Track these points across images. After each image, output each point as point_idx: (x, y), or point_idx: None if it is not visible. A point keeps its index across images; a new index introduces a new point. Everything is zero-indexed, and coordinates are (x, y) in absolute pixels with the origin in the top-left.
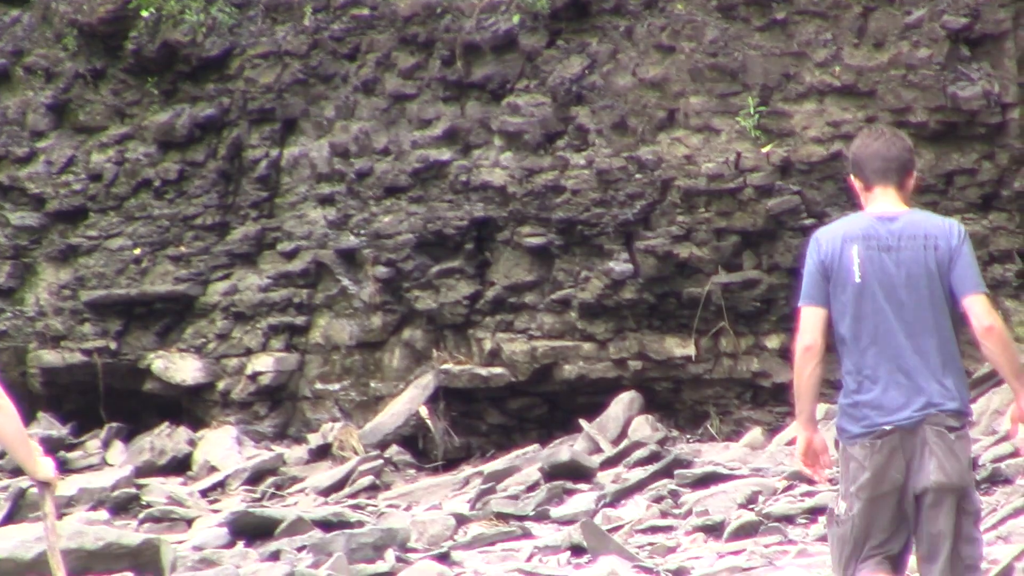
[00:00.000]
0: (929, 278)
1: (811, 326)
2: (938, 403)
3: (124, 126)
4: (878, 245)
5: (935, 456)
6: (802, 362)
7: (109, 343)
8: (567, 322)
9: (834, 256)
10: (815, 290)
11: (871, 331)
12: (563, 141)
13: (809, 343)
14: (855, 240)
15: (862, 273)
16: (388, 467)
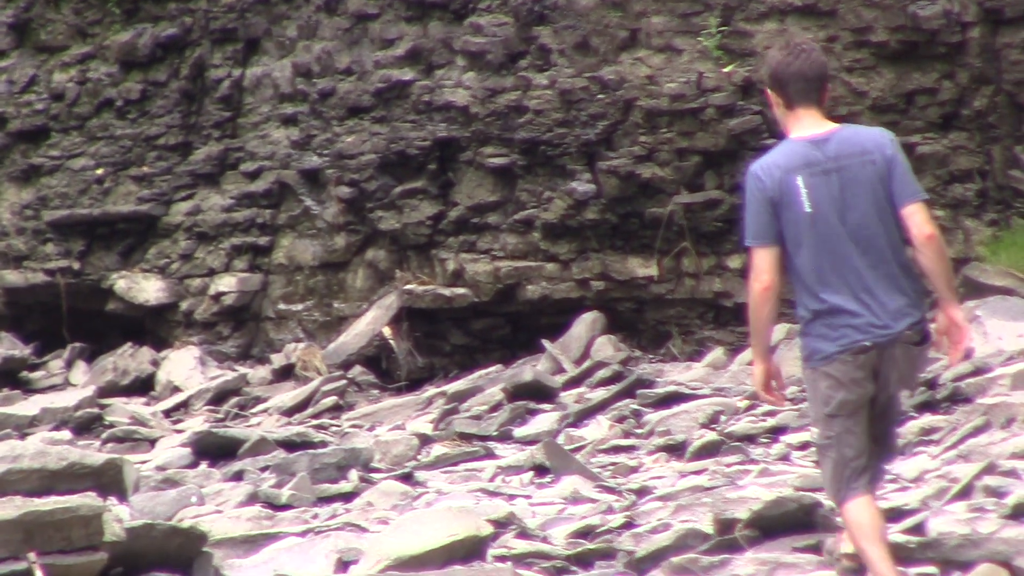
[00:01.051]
0: (874, 193)
1: (766, 266)
2: (908, 316)
3: (86, 45)
4: (821, 170)
5: (897, 368)
6: (760, 301)
7: (72, 263)
8: (530, 242)
9: (779, 189)
10: (764, 228)
11: (830, 257)
12: (526, 61)
13: (766, 283)
14: (797, 170)
15: (812, 202)
16: (351, 387)
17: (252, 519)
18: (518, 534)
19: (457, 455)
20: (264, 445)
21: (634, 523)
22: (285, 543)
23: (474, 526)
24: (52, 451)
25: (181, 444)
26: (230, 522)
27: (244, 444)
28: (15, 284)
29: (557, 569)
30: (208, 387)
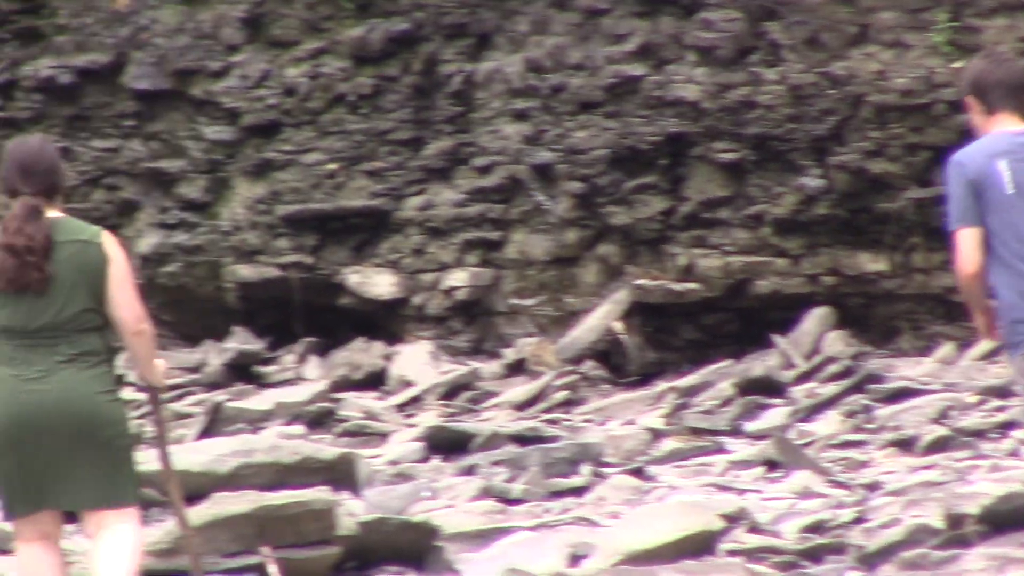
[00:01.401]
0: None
1: (970, 248)
2: None
3: (318, 40)
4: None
5: None
6: (969, 284)
7: (304, 258)
8: (760, 237)
9: (981, 173)
10: (968, 212)
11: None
12: (756, 56)
13: (972, 267)
14: (999, 155)
15: (1015, 184)
16: (583, 382)
17: (484, 513)
18: (749, 529)
19: (688, 450)
20: (496, 439)
21: (864, 518)
22: (517, 537)
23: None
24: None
25: (413, 439)
26: (462, 516)
27: (476, 438)
28: (248, 279)
29: (787, 564)
30: (440, 382)
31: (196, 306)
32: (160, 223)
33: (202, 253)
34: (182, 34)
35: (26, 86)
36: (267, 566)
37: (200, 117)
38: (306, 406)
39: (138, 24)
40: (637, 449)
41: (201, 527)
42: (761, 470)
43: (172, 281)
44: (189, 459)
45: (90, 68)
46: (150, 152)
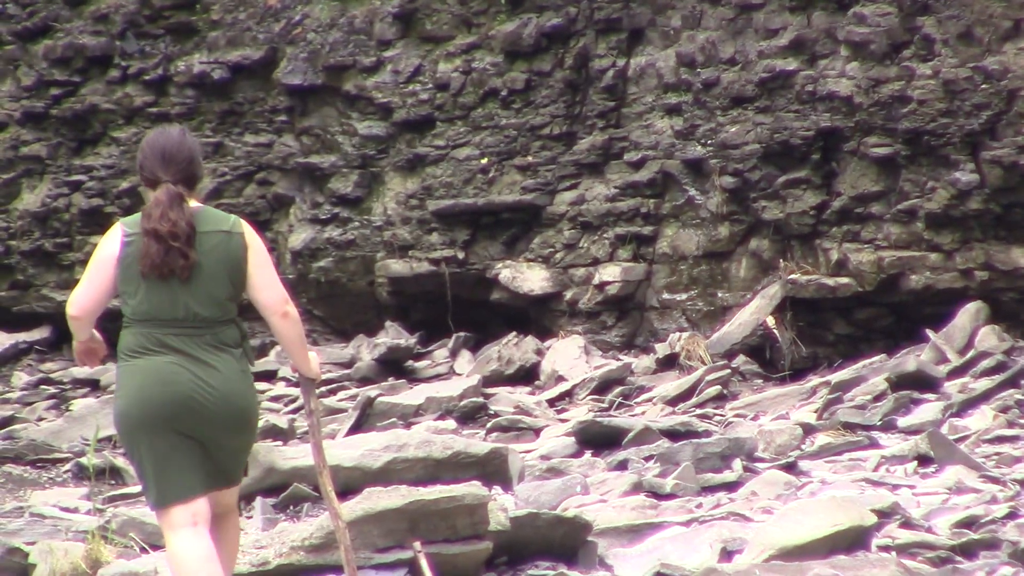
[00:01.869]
0: None
1: None
2: None
3: (471, 35)
4: None
5: None
6: None
7: (456, 252)
8: (913, 232)
9: None
10: None
11: None
12: (909, 51)
13: None
14: None
15: None
16: (735, 377)
17: (636, 508)
18: (902, 524)
19: (841, 444)
20: (648, 434)
21: (1018, 513)
22: (669, 532)
23: (858, 516)
24: (437, 440)
25: (565, 433)
26: (614, 511)
27: (628, 433)
28: (400, 273)
29: (941, 559)
30: (592, 376)
31: (348, 301)
32: (312, 218)
33: (354, 248)
34: (334, 29)
35: (179, 81)
36: (419, 561)
37: (352, 112)
38: (458, 401)
39: (290, 19)
40: (789, 444)
41: (353, 522)
42: (914, 465)
43: (324, 276)
44: (341, 454)
45: (242, 63)
46: (302, 147)
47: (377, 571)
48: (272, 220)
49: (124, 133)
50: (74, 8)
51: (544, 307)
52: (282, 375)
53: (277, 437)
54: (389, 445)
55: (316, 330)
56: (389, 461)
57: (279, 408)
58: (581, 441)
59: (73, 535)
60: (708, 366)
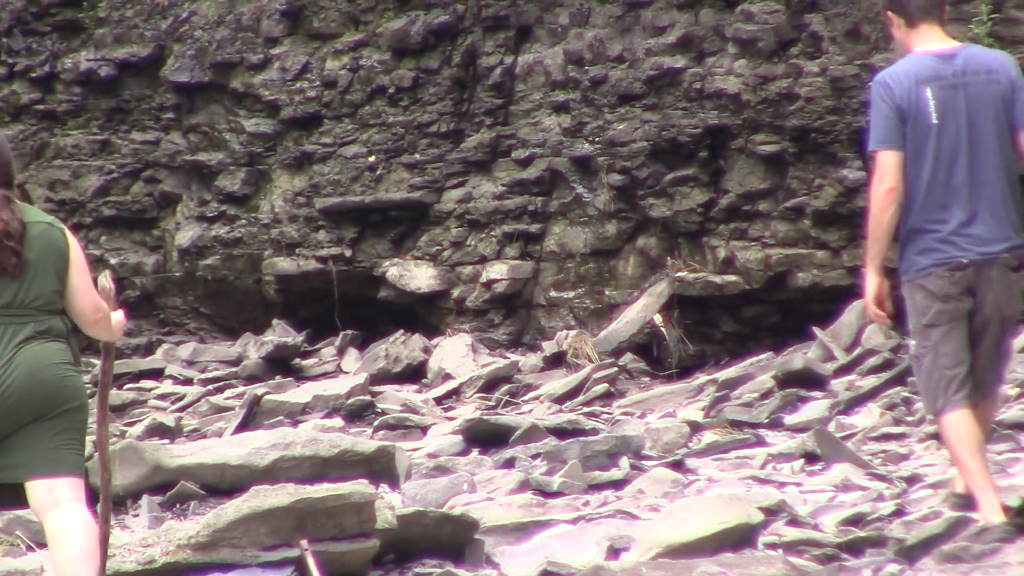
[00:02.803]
0: (995, 112)
1: (892, 168)
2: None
3: (358, 33)
4: (949, 84)
5: (993, 291)
6: (884, 204)
7: (344, 250)
8: (801, 230)
9: (908, 99)
10: (892, 133)
11: (946, 171)
12: (796, 48)
13: (891, 184)
14: (926, 82)
15: (939, 114)
16: (622, 375)
17: (523, 506)
18: (788, 521)
19: (728, 442)
20: (535, 432)
21: (904, 511)
22: (556, 530)
23: (745, 514)
24: (324, 438)
25: (452, 431)
26: (501, 509)
27: (515, 431)
28: (287, 271)
29: (827, 556)
30: (480, 374)
31: (235, 299)
32: (199, 216)
33: (241, 246)
34: (222, 26)
35: (66, 79)
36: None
37: (240, 110)
38: (345, 399)
39: (178, 16)
40: (676, 442)
41: (239, 520)
42: (800, 463)
43: (211, 274)
44: (228, 452)
45: (129, 61)
46: (189, 145)
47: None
48: (159, 218)
49: (11, 131)
50: None
51: (432, 305)
52: (169, 373)
53: (164, 435)
54: (276, 443)
55: (203, 328)
56: (276, 459)
57: (165, 406)
58: (468, 439)
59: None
60: (595, 364)
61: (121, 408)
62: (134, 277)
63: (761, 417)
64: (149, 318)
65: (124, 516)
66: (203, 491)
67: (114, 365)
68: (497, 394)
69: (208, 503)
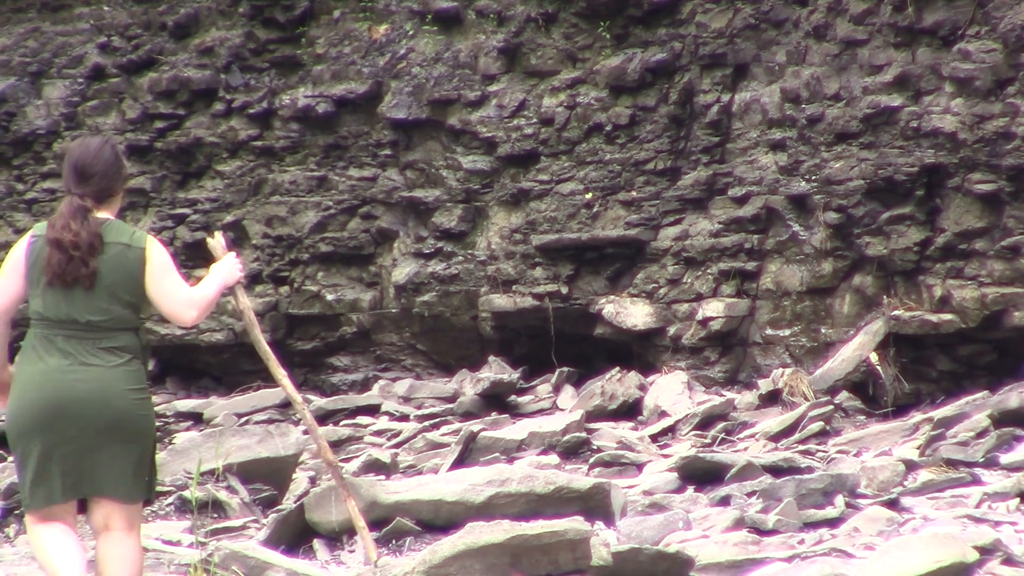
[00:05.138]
0: None
1: None
2: None
3: (575, 70)
4: None
5: None
6: None
7: (560, 287)
8: (1017, 268)
9: None
10: None
11: None
12: (1014, 88)
13: None
14: None
15: None
16: (838, 413)
17: (738, 544)
18: (1004, 560)
19: (943, 481)
20: (750, 470)
21: None
22: (771, 568)
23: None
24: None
25: (668, 468)
26: (716, 547)
27: (731, 469)
28: (504, 308)
29: None
30: (695, 412)
31: (451, 335)
32: (416, 252)
33: (458, 282)
34: (439, 63)
35: (283, 115)
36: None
37: (456, 146)
38: (560, 436)
39: (395, 53)
40: (891, 480)
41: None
42: (1016, 502)
43: (427, 310)
44: (444, 488)
45: (347, 97)
46: (406, 181)
47: None
48: (376, 254)
49: (228, 167)
50: (179, 41)
51: (647, 342)
52: (385, 409)
53: (380, 471)
54: (492, 480)
55: (419, 364)
56: (491, 496)
57: (381, 442)
58: (683, 476)
59: (175, 568)
60: (811, 402)
61: (338, 444)
62: (351, 313)
63: (976, 456)
64: (366, 354)
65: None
66: (419, 527)
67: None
68: (712, 432)
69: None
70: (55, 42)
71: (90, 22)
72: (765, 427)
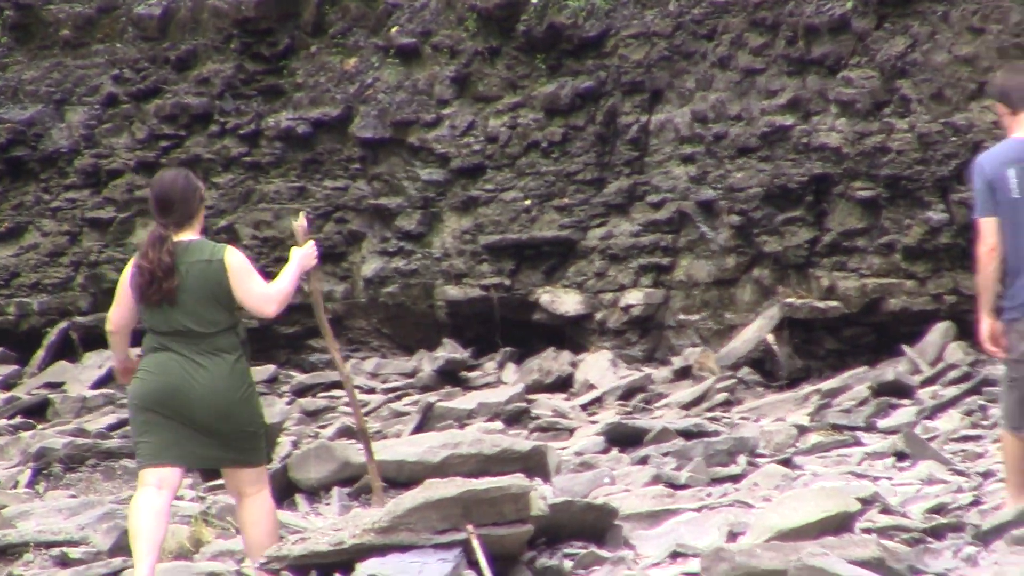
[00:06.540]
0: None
1: (991, 232)
2: None
3: (516, 96)
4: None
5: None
6: (986, 260)
7: (503, 280)
8: (892, 263)
9: (995, 176)
10: (987, 204)
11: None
12: (889, 109)
13: (992, 244)
14: (1011, 163)
15: (1020, 190)
16: (740, 385)
17: (655, 497)
18: (881, 510)
19: (830, 443)
20: (666, 434)
21: (980, 501)
22: (684, 517)
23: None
24: (487, 439)
25: (595, 433)
26: (637, 499)
27: (649, 433)
28: (456, 298)
29: (914, 540)
30: (618, 385)
31: (411, 321)
32: (382, 251)
33: (417, 276)
34: (400, 91)
35: (269, 135)
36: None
37: (415, 161)
38: (504, 406)
39: (363, 82)
40: (786, 442)
41: (415, 508)
42: (892, 460)
43: (391, 300)
44: (406, 451)
45: (323, 120)
46: (373, 190)
47: (436, 550)
48: (347, 252)
49: (222, 179)
50: (180, 73)
51: (578, 326)
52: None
53: (351, 437)
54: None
55: (384, 345)
56: (446, 457)
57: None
58: (609, 440)
59: (179, 519)
60: (717, 376)
61: (314, 414)
62: (326, 303)
63: (858, 421)
64: (339, 337)
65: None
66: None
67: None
68: (633, 402)
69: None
70: (75, 74)
71: (105, 57)
72: (678, 398)
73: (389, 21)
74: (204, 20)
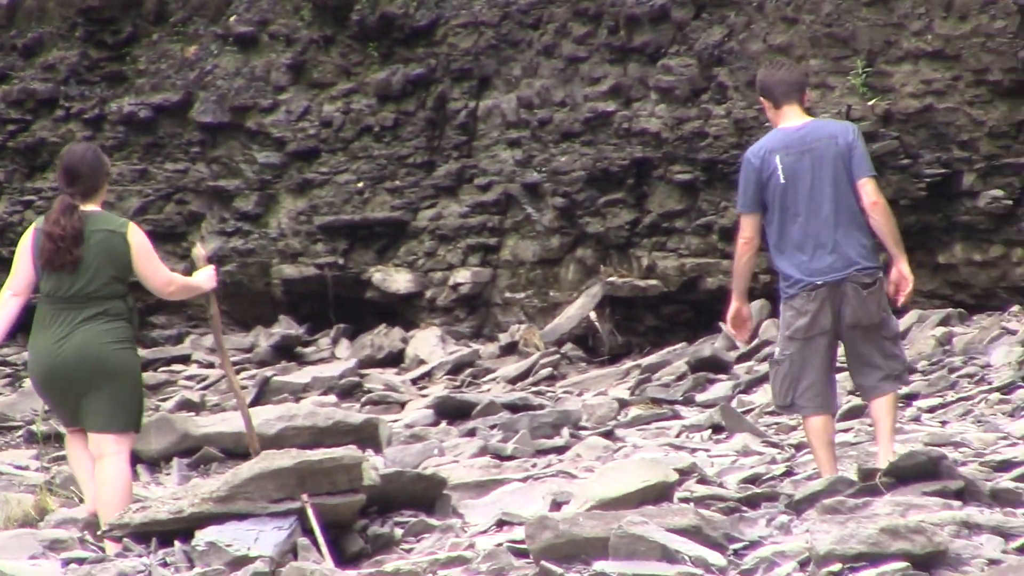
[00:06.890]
0: (835, 166)
1: (750, 226)
2: (857, 263)
3: (350, 82)
4: (796, 151)
5: (850, 304)
6: (741, 251)
7: (337, 259)
8: (709, 243)
9: (764, 166)
10: (751, 200)
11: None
12: (707, 96)
13: (748, 237)
14: (776, 151)
15: (786, 176)
16: (563, 361)
17: (482, 468)
18: (699, 480)
19: (649, 416)
20: (493, 408)
21: (793, 472)
22: (510, 487)
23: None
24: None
25: (425, 407)
26: (465, 470)
27: (476, 407)
28: (291, 276)
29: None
30: (447, 360)
31: (249, 299)
32: (220, 231)
33: (254, 255)
34: (239, 77)
35: (112, 119)
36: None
37: (253, 144)
38: (338, 380)
39: (203, 69)
40: (607, 415)
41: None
42: (709, 433)
43: (229, 279)
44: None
45: (164, 105)
46: (212, 173)
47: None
48: (187, 232)
49: None
50: (27, 59)
51: (408, 303)
52: (195, 358)
53: (191, 409)
54: (282, 416)
55: (223, 321)
56: (282, 429)
57: (192, 386)
58: (438, 413)
59: (24, 488)
60: (542, 352)
61: (155, 387)
62: None
63: (677, 395)
64: (179, 314)
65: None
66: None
67: (219, 311)
68: (462, 376)
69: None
70: None
71: None
72: (504, 372)
73: (228, 10)
74: (50, 8)
